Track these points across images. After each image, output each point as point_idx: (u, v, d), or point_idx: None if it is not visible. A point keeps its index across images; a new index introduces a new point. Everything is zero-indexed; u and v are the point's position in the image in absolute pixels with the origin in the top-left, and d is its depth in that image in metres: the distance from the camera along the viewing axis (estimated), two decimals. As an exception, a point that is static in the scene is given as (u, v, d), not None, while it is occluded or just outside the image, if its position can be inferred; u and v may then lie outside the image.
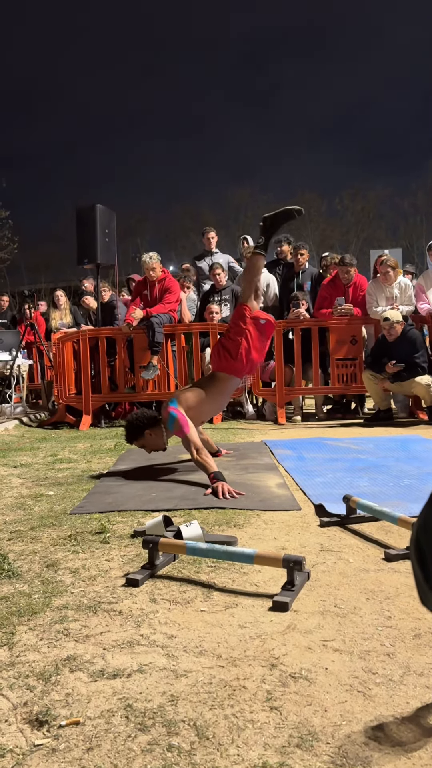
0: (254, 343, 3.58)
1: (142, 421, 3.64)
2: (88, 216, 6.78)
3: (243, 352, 3.54)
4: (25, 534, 2.56)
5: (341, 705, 1.29)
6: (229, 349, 3.57)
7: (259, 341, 3.62)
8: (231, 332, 3.62)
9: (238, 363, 3.56)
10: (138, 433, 3.65)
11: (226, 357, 3.58)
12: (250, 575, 2.04)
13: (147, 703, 1.32)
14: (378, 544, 2.32)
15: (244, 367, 3.60)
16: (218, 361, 3.64)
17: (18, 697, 1.37)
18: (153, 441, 3.66)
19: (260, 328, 3.61)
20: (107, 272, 8.23)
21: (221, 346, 3.62)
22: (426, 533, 0.69)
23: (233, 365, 3.58)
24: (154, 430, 3.62)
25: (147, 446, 3.71)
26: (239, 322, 3.58)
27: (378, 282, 6.23)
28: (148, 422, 3.63)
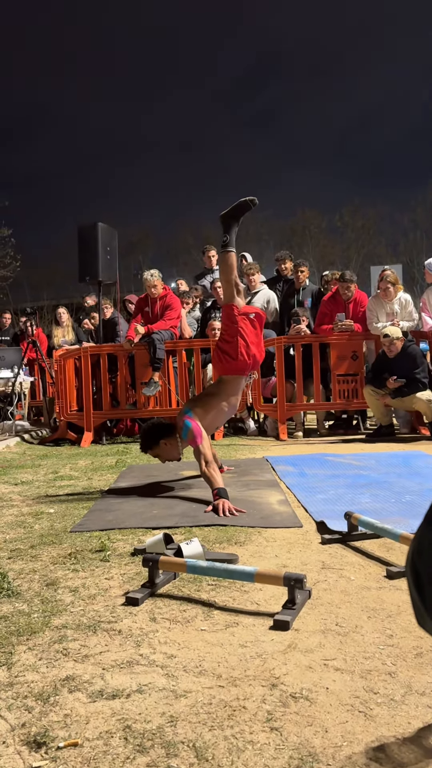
0: (250, 339, 3.58)
1: (158, 430, 3.64)
2: (90, 234, 6.85)
3: (242, 350, 3.54)
4: (25, 552, 2.55)
5: (342, 725, 1.28)
6: (228, 351, 3.57)
7: (255, 335, 3.62)
8: (225, 334, 3.62)
9: (240, 362, 3.56)
10: (153, 442, 3.64)
11: (227, 359, 3.59)
12: (251, 593, 2.02)
13: (146, 724, 1.31)
14: (380, 561, 2.31)
15: (247, 364, 3.60)
16: (221, 365, 3.64)
17: (16, 718, 1.36)
18: (168, 451, 3.65)
19: (251, 322, 3.62)
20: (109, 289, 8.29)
21: (220, 350, 3.63)
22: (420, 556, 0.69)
23: (236, 365, 3.58)
24: (169, 440, 3.62)
25: (161, 456, 3.70)
26: (230, 323, 3.59)
27: (378, 298, 6.26)
28: (164, 432, 3.63)
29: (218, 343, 3.66)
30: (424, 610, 0.67)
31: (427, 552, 0.68)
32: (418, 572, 0.69)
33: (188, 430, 3.42)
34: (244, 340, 3.55)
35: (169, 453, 3.67)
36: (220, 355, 3.63)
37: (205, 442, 3.40)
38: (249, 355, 3.56)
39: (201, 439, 3.39)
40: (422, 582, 0.68)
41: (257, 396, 6.43)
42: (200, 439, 3.39)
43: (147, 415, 6.62)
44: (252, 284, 7.37)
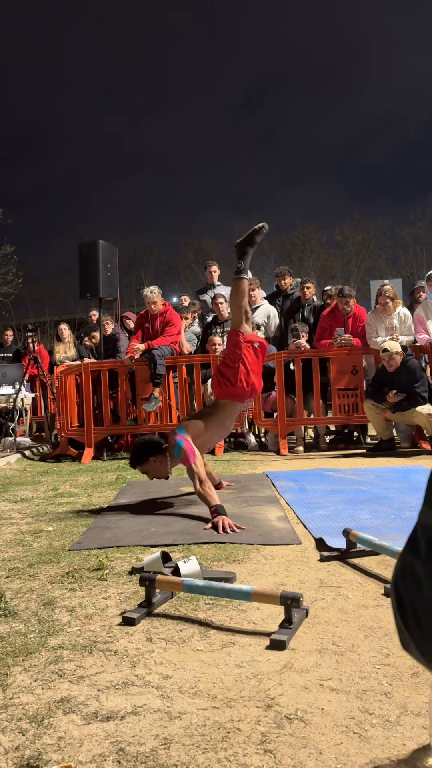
0: (252, 367, 3.60)
1: (148, 447, 3.64)
2: (90, 251, 6.91)
3: (242, 377, 3.56)
4: (23, 571, 2.55)
5: (336, 747, 1.27)
6: (228, 376, 3.59)
7: (256, 364, 3.65)
8: (227, 359, 3.64)
9: (238, 389, 3.57)
10: (143, 459, 3.64)
11: (226, 384, 3.60)
12: (248, 612, 2.02)
13: (139, 747, 1.30)
14: (378, 578, 2.30)
15: (245, 392, 3.62)
16: (219, 389, 3.66)
17: (10, 741, 1.35)
18: (156, 468, 3.65)
19: (255, 351, 3.65)
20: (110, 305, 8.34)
21: (220, 374, 3.65)
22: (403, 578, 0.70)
23: (234, 391, 3.59)
24: (158, 457, 3.62)
25: (150, 473, 3.70)
26: (234, 349, 3.61)
27: (377, 313, 6.28)
28: (154, 449, 3.63)
29: (220, 367, 3.68)
30: (407, 634, 0.68)
31: (410, 575, 0.69)
32: (400, 595, 0.70)
33: (180, 449, 3.41)
34: (246, 367, 3.57)
35: (158, 470, 3.66)
36: (219, 379, 3.64)
37: (198, 461, 3.41)
38: (248, 383, 3.58)
39: (194, 458, 3.39)
40: (405, 605, 0.68)
41: (258, 411, 6.43)
42: (193, 458, 3.39)
43: (147, 430, 6.63)
44: (252, 299, 7.41)
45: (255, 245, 3.70)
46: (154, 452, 3.62)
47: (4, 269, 21.89)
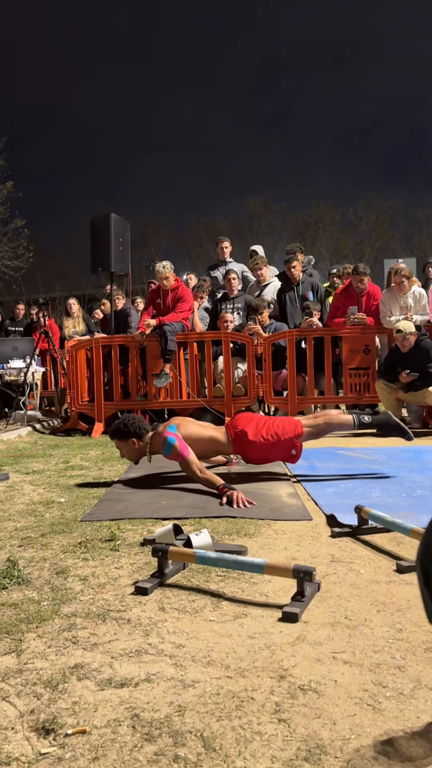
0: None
1: (135, 428, 3.60)
2: (103, 225, 6.84)
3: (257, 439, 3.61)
4: (36, 541, 2.57)
5: (350, 718, 1.28)
6: (250, 444, 3.62)
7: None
8: (262, 441, 3.63)
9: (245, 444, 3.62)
10: (124, 436, 3.61)
11: (245, 443, 3.63)
12: (259, 585, 2.02)
13: (154, 713, 1.31)
14: (389, 555, 2.30)
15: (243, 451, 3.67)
16: (236, 439, 3.64)
17: (25, 704, 1.36)
18: (131, 451, 3.63)
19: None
20: (121, 280, 8.29)
21: (246, 439, 3.62)
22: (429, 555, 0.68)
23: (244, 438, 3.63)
24: (138, 442, 3.60)
25: (122, 450, 3.68)
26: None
27: (392, 291, 6.20)
28: (139, 433, 3.60)
29: (250, 437, 3.61)
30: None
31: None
32: (427, 571, 0.68)
33: (172, 446, 3.39)
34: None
35: (131, 453, 3.65)
36: (239, 435, 3.62)
37: (191, 453, 3.40)
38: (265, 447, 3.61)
39: (187, 452, 3.39)
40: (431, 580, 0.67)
41: (268, 389, 6.41)
42: (186, 452, 3.39)
43: (157, 406, 6.64)
44: (261, 278, 7.34)
45: None
46: (137, 436, 3.60)
47: (15, 243, 21.80)
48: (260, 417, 3.80)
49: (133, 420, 3.65)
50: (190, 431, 3.56)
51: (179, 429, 3.52)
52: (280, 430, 3.61)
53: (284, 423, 3.68)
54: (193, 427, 3.63)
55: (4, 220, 21.82)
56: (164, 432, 3.47)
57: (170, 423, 3.61)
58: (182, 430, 3.53)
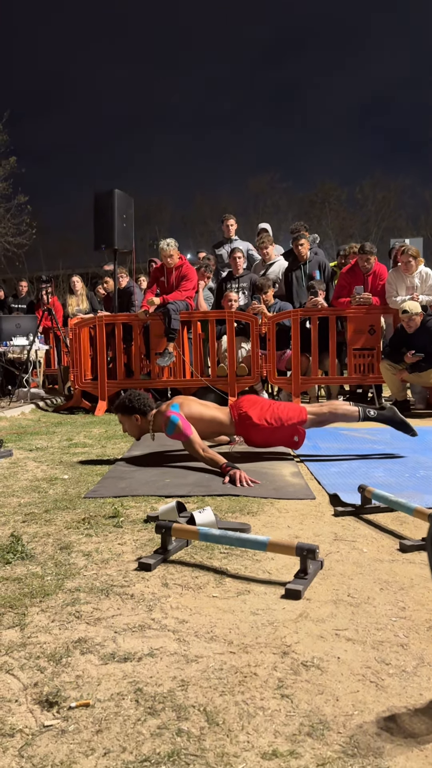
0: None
1: (139, 404, 3.59)
2: (106, 201, 6.77)
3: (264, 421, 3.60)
4: (40, 516, 2.57)
5: (353, 695, 1.28)
6: (253, 425, 3.61)
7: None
8: (265, 425, 3.62)
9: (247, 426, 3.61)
10: (128, 411, 3.60)
11: (249, 426, 3.62)
12: (262, 563, 2.02)
13: (157, 688, 1.31)
14: (393, 534, 2.30)
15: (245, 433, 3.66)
16: (239, 420, 3.62)
17: (28, 677, 1.37)
18: (133, 427, 3.63)
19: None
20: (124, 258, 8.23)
21: (249, 421, 3.61)
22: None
23: (235, 427, 3.63)
24: (142, 418, 3.59)
25: (124, 425, 3.67)
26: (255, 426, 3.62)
27: (398, 271, 6.14)
28: (143, 410, 3.59)
29: (254, 420, 3.60)
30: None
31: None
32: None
33: (175, 425, 3.39)
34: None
35: (133, 429, 3.64)
36: (243, 417, 3.61)
37: (194, 432, 3.40)
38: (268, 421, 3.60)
39: (190, 431, 3.39)
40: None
41: (272, 369, 6.39)
42: (189, 431, 3.39)
43: (161, 385, 6.63)
44: (267, 257, 7.27)
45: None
46: (140, 412, 3.59)
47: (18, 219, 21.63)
48: (265, 400, 3.78)
49: (138, 396, 3.64)
50: (193, 410, 3.55)
51: (182, 408, 3.51)
52: (284, 415, 3.60)
53: (289, 408, 3.67)
54: (196, 406, 3.62)
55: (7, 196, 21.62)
56: (167, 411, 3.47)
57: (173, 402, 3.60)
58: (185, 409, 3.52)
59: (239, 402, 3.73)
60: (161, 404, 3.66)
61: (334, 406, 3.80)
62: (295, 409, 3.67)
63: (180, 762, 1.08)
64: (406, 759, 1.08)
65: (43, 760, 1.10)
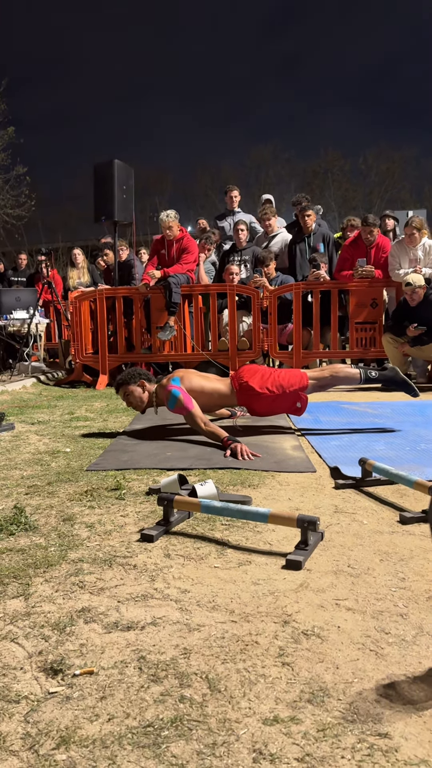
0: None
1: (143, 375, 3.60)
2: (106, 172, 6.67)
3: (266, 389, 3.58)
4: (42, 489, 2.59)
5: (353, 663, 1.30)
6: (256, 394, 3.59)
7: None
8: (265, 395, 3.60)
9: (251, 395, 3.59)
10: (129, 383, 3.60)
11: (251, 396, 3.60)
12: (263, 534, 2.04)
13: (160, 656, 1.33)
14: (393, 506, 2.31)
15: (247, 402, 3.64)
16: (239, 389, 3.60)
17: (33, 646, 1.39)
18: (136, 400, 3.63)
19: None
20: (125, 231, 8.14)
21: (251, 390, 3.59)
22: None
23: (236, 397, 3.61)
24: (149, 384, 3.60)
25: (130, 398, 3.65)
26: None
27: (402, 243, 6.08)
28: (148, 377, 3.61)
29: (256, 389, 3.58)
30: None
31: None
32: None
33: (176, 399, 3.39)
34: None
35: (136, 402, 3.62)
36: (244, 387, 3.59)
37: (195, 406, 3.40)
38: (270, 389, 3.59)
39: (192, 405, 3.39)
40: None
41: (273, 343, 6.37)
42: (191, 405, 3.39)
43: (162, 359, 6.61)
44: (269, 229, 7.19)
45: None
46: (142, 385, 3.58)
47: (17, 191, 21.36)
48: (265, 369, 3.77)
49: (137, 371, 3.65)
50: (194, 384, 3.55)
51: (183, 381, 3.51)
52: (286, 382, 3.59)
53: (290, 375, 3.66)
54: (197, 379, 3.61)
55: (6, 167, 21.31)
56: (168, 385, 3.46)
57: (174, 375, 3.59)
58: (186, 383, 3.51)
59: (240, 372, 3.72)
60: (162, 378, 3.66)
61: (335, 369, 3.78)
62: (296, 375, 3.66)
63: (183, 727, 1.10)
64: (404, 725, 1.10)
65: (48, 726, 1.12)
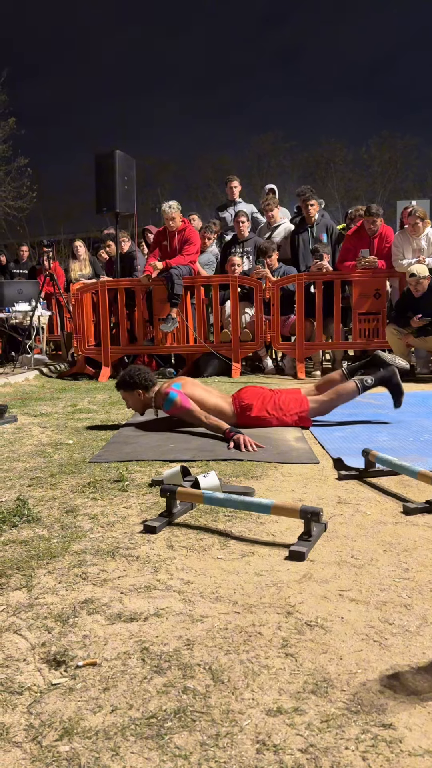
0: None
1: (140, 380, 3.57)
2: (107, 162, 6.63)
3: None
4: (45, 481, 2.59)
5: (357, 653, 1.29)
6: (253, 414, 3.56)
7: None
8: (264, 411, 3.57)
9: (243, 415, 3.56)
10: (130, 386, 3.58)
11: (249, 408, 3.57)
12: (266, 525, 2.03)
13: (163, 647, 1.33)
14: (396, 497, 2.30)
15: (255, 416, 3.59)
16: (241, 410, 3.57)
17: (36, 637, 1.39)
18: (137, 402, 3.62)
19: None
20: (126, 222, 8.11)
21: (248, 411, 3.56)
22: None
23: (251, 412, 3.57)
24: (144, 393, 3.57)
25: (128, 401, 3.66)
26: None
27: (405, 233, 6.04)
28: (145, 385, 3.57)
29: (254, 412, 3.55)
30: None
31: None
32: None
33: (172, 401, 3.39)
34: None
35: (136, 404, 3.63)
36: (244, 408, 3.55)
37: (193, 404, 3.40)
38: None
39: (189, 403, 3.39)
40: None
41: (276, 334, 6.35)
42: (188, 404, 3.38)
43: (164, 351, 6.60)
44: (272, 219, 7.15)
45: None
46: (143, 387, 3.57)
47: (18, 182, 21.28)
48: (267, 391, 3.71)
49: (139, 371, 3.62)
50: (195, 394, 3.51)
51: (184, 388, 3.50)
52: (285, 405, 3.57)
53: (290, 399, 3.62)
54: (198, 390, 3.57)
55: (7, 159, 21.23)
56: (167, 388, 3.46)
57: (175, 381, 3.58)
58: (187, 389, 3.49)
59: (241, 393, 3.68)
60: (164, 383, 3.64)
61: (334, 393, 3.68)
62: (297, 399, 3.63)
63: (186, 718, 1.10)
64: (408, 715, 1.09)
65: (52, 717, 1.12)
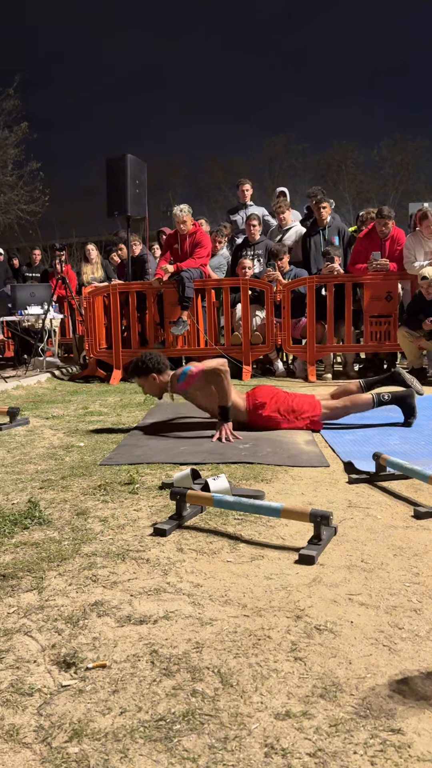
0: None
1: (153, 363, 3.60)
2: (119, 166, 6.66)
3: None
4: (56, 483, 2.60)
5: (366, 658, 1.29)
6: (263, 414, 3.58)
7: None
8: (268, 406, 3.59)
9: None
10: (143, 373, 3.61)
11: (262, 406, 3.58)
12: (276, 529, 2.03)
13: (172, 650, 1.34)
14: (407, 501, 2.29)
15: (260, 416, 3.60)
16: (253, 410, 3.58)
17: (46, 639, 1.40)
18: (152, 385, 3.63)
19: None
20: (138, 226, 8.14)
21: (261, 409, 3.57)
22: None
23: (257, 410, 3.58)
24: (160, 376, 3.60)
25: (145, 387, 3.68)
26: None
27: (417, 235, 6.00)
28: (158, 367, 3.60)
29: (267, 411, 3.57)
30: None
31: None
32: None
33: (186, 373, 3.45)
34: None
35: (152, 389, 3.65)
36: (257, 406, 3.57)
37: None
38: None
39: (200, 368, 3.44)
40: None
41: (287, 337, 6.34)
42: (200, 369, 3.44)
43: (175, 354, 6.61)
44: (283, 222, 7.14)
45: None
46: (157, 371, 3.59)
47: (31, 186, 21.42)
48: (281, 393, 3.71)
49: (150, 356, 3.65)
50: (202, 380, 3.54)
51: None
52: (298, 407, 3.57)
53: (303, 401, 3.62)
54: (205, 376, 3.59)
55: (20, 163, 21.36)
56: (181, 367, 3.53)
57: (189, 365, 3.62)
58: None
59: (256, 390, 3.69)
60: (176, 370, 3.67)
61: (349, 400, 3.68)
62: (310, 402, 3.63)
63: (195, 721, 1.10)
64: (418, 720, 1.09)
65: (61, 718, 1.13)
